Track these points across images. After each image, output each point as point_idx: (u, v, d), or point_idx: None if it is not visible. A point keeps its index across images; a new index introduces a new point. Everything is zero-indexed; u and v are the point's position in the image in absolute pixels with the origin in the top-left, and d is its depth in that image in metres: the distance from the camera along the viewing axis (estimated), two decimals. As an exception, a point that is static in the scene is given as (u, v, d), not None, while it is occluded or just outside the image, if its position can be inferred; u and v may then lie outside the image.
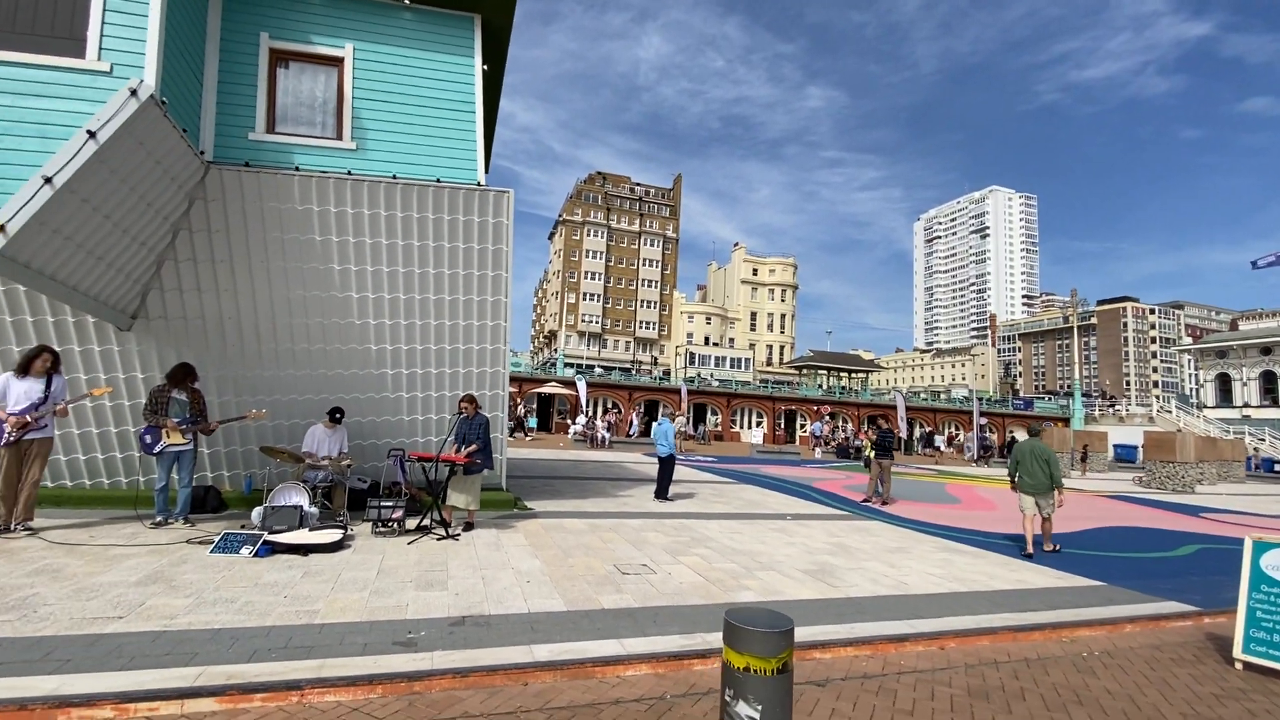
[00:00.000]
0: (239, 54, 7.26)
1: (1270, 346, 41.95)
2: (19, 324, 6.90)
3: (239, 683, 3.25)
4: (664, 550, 6.99)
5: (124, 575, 4.92)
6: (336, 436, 7.66)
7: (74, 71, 5.55)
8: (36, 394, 6.04)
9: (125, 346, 7.27)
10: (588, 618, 4.64)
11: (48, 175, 5.06)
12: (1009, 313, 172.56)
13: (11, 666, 3.28)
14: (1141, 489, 20.49)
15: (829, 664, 4.22)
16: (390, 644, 3.92)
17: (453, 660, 3.74)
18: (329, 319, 7.82)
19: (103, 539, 5.97)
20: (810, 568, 6.62)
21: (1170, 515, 13.60)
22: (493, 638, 4.14)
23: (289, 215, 7.25)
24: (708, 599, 5.29)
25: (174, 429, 6.63)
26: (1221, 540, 10.37)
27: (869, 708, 3.56)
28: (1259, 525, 12.70)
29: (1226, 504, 17.07)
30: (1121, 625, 5.42)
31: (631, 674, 3.85)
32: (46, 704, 2.94)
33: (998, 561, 7.50)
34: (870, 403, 44.56)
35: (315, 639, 3.91)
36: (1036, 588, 6.41)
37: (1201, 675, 4.35)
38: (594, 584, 5.51)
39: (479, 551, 6.39)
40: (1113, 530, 10.85)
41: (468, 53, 8.16)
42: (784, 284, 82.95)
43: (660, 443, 11.22)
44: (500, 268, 8.29)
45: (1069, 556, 8.08)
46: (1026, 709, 3.64)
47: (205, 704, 3.12)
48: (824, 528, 9.24)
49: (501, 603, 4.84)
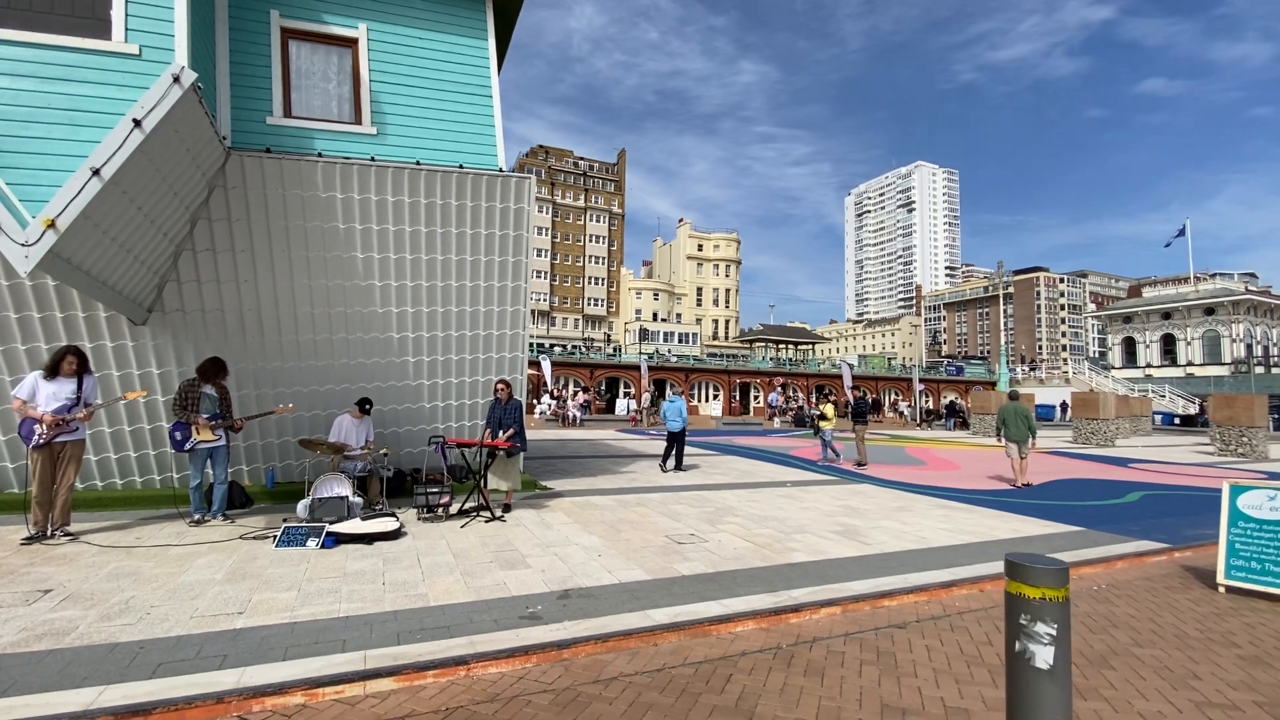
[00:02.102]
0: (250, 33, 6.94)
1: (1169, 312, 46.50)
2: (25, 320, 6.50)
3: (413, 662, 3.45)
4: (701, 520, 7.43)
5: (206, 574, 4.91)
6: (363, 426, 7.64)
7: (101, 54, 5.26)
8: (66, 395, 5.78)
9: (140, 341, 6.96)
10: (677, 583, 5.01)
11: (95, 167, 4.83)
12: (933, 283, 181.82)
13: (174, 665, 3.35)
14: (1071, 445, 22.61)
15: (898, 610, 4.77)
16: (517, 619, 4.18)
17: (584, 629, 4.04)
18: (351, 308, 7.71)
19: (151, 540, 5.84)
20: (836, 529, 7.22)
21: (1106, 467, 15.22)
22: (604, 607, 4.46)
23: (311, 202, 7.07)
24: (768, 561, 5.77)
25: (204, 425, 6.48)
26: (1157, 487, 11.80)
27: (954, 643, 4.11)
28: (1179, 472, 14.44)
29: (1144, 455, 19.16)
30: (1114, 563, 6.28)
31: (741, 629, 4.26)
32: (241, 695, 3.07)
33: (991, 515, 8.36)
34: (818, 373, 46.51)
35: (445, 620, 4.11)
36: (1033, 535, 7.25)
37: (1195, 599, 5.18)
38: (659, 554, 5.88)
39: (534, 531, 6.63)
40: (1068, 482, 12.12)
41: (480, 34, 8.07)
42: (728, 259, 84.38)
43: (673, 418, 11.64)
44: (520, 253, 8.36)
45: (1047, 506, 9.09)
46: (1078, 634, 4.29)
47: (385, 684, 3.31)
48: (825, 492, 9.93)
49: (590, 576, 5.14)
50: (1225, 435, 19.72)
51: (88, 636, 3.68)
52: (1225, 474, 14.16)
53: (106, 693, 3.04)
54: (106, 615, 4.00)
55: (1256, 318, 45.20)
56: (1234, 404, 19.65)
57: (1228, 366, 43.39)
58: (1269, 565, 5.11)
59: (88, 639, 3.64)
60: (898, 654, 3.90)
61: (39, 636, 3.65)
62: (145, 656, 3.44)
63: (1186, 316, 46.36)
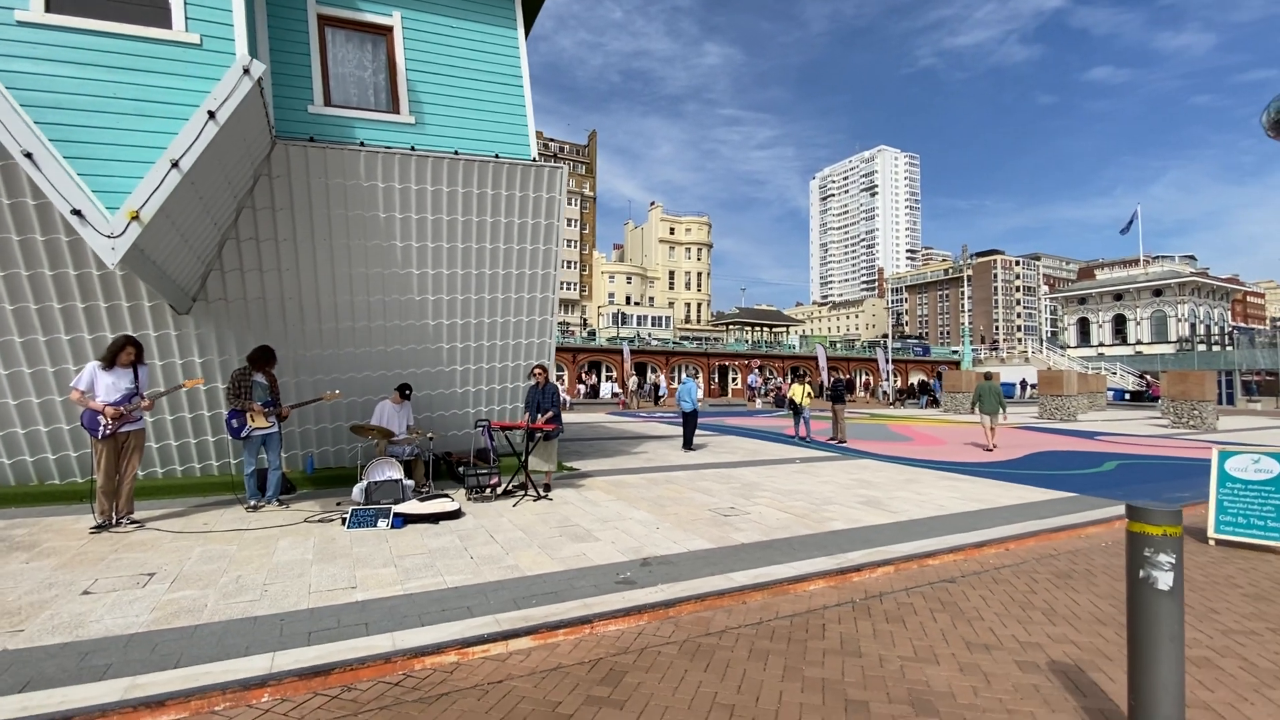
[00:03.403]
0: (288, 19, 6.92)
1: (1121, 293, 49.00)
2: (68, 310, 6.45)
3: (544, 622, 3.78)
4: (734, 495, 7.87)
5: (295, 554, 5.11)
6: (404, 411, 7.80)
7: (164, 44, 5.26)
8: (125, 385, 5.82)
9: (183, 330, 6.97)
10: (741, 551, 5.43)
11: (174, 159, 4.89)
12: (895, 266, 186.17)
13: (324, 634, 3.60)
14: (1038, 420, 23.93)
15: (942, 567, 5.29)
16: (613, 584, 4.53)
17: (679, 590, 4.42)
18: (389, 296, 7.83)
19: (218, 525, 5.97)
20: (861, 500, 7.75)
21: (1076, 440, 16.29)
22: (684, 572, 4.84)
23: (353, 191, 7.14)
24: (812, 530, 6.24)
25: (259, 413, 6.58)
26: (1128, 456, 12.78)
27: (1002, 593, 4.63)
28: (1142, 444, 15.57)
29: (1106, 428, 20.47)
30: (1112, 522, 6.95)
31: (814, 588, 4.70)
32: (404, 655, 3.36)
33: (994, 485, 9.04)
34: (793, 354, 47.60)
35: (548, 587, 4.43)
36: (1036, 501, 7.92)
37: (1191, 551, 5.84)
38: (711, 526, 6.29)
39: (583, 509, 6.96)
40: (1049, 454, 13.01)
41: (510, 23, 8.17)
42: (699, 242, 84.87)
43: (684, 400, 12.03)
44: (550, 241, 8.57)
45: (1039, 476, 9.84)
46: (1108, 585, 4.87)
47: (523, 642, 3.63)
48: (834, 468, 10.50)
49: (659, 547, 5.51)
50: (1178, 409, 21.18)
51: (223, 612, 3.88)
52: (1182, 445, 15.34)
53: (278, 657, 3.28)
54: (227, 594, 4.20)
55: (1200, 298, 48.05)
56: (1186, 380, 21.10)
57: (1173, 345, 46.10)
58: (1253, 520, 5.81)
59: (224, 614, 3.85)
60: (959, 603, 4.40)
61: (174, 614, 3.84)
62: (291, 627, 3.68)
63: (1136, 298, 48.97)
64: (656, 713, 2.90)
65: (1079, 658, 3.50)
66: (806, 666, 3.37)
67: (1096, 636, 3.81)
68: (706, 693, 3.08)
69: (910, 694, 3.07)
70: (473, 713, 2.90)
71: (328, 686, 3.12)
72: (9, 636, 3.49)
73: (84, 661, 3.22)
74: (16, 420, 6.58)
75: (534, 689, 3.13)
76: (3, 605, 3.93)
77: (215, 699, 2.93)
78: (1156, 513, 2.30)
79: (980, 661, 3.44)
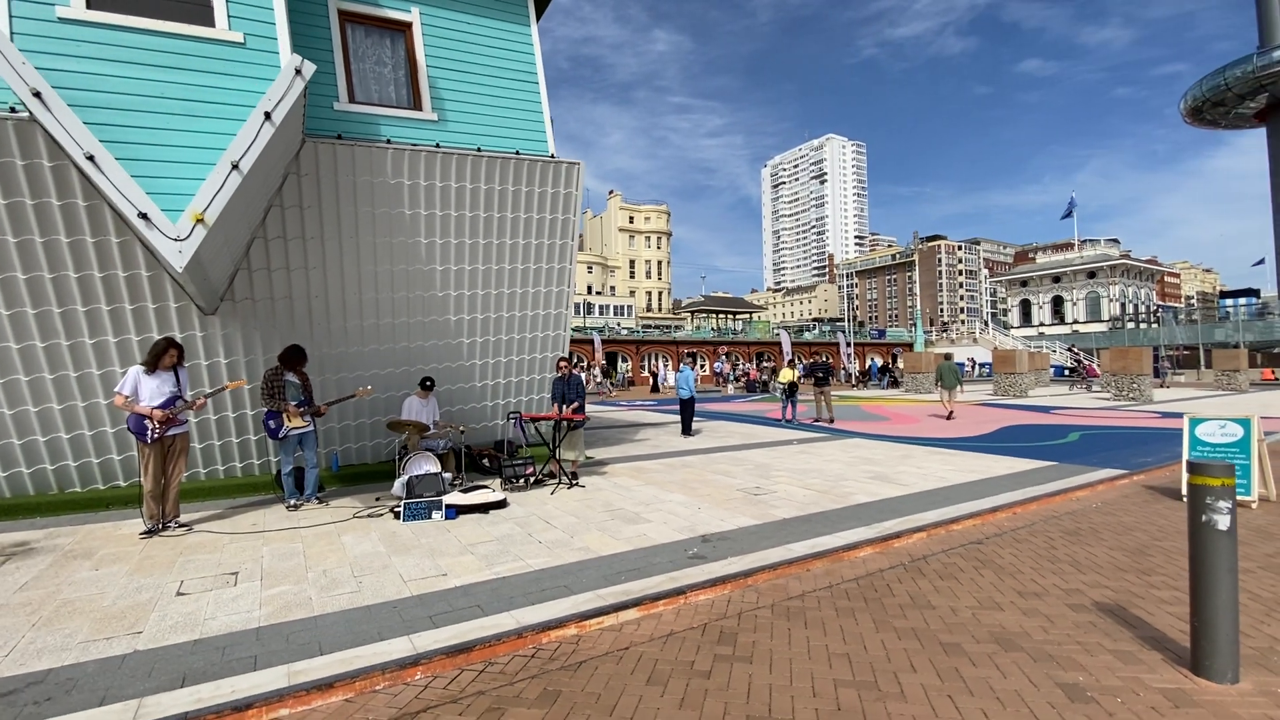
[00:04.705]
0: (311, 15, 6.85)
1: (1059, 276, 52.04)
2: (93, 313, 6.29)
3: (643, 595, 4.08)
4: (754, 476, 8.30)
5: (367, 548, 5.24)
6: (430, 405, 7.90)
7: (210, 42, 5.22)
8: (169, 389, 5.77)
9: (209, 331, 6.87)
10: (785, 525, 5.85)
11: (234, 161, 4.89)
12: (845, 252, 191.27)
13: (444, 617, 3.82)
14: (993, 396, 25.42)
15: (965, 532, 5.84)
16: (686, 559, 4.87)
17: (750, 561, 4.79)
18: (413, 292, 7.88)
19: (269, 525, 6.00)
20: (871, 476, 8.30)
21: (1036, 414, 17.50)
22: (744, 546, 5.22)
23: (380, 189, 7.16)
24: (840, 504, 6.72)
25: (295, 412, 6.59)
26: (1087, 427, 13.90)
27: (1028, 551, 5.19)
28: (1094, 415, 16.87)
29: (1056, 403, 21.97)
30: (1096, 486, 7.71)
31: (864, 554, 5.15)
32: (532, 630, 3.61)
33: (983, 458, 9.78)
34: (758, 340, 48.68)
35: (628, 564, 4.73)
36: (1025, 470, 8.65)
37: (1170, 507, 6.59)
38: (748, 504, 6.69)
39: (620, 494, 7.25)
40: (1017, 428, 14.00)
41: (524, 20, 8.26)
42: (659, 231, 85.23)
43: (682, 387, 12.40)
44: (568, 235, 8.75)
45: (1018, 448, 10.67)
46: (1113, 539, 5.50)
47: (631, 614, 3.93)
48: (831, 447, 11.09)
49: (710, 525, 5.87)
50: (1119, 383, 22.91)
51: (332, 604, 4.03)
52: (1129, 415, 16.72)
53: (415, 639, 3.49)
54: (323, 588, 4.33)
55: (1129, 279, 51.55)
56: (1127, 356, 22.82)
57: (1106, 323, 49.37)
58: (1222, 478, 6.59)
59: (334, 605, 4.00)
60: (995, 560, 4.92)
61: (285, 608, 3.97)
62: (408, 613, 3.88)
63: (1073, 280, 52.16)
64: (783, 663, 3.26)
65: (1116, 599, 4.04)
66: (892, 619, 3.79)
67: (1123, 581, 4.38)
68: (817, 645, 3.46)
69: (991, 635, 3.52)
70: (619, 675, 3.19)
71: (471, 662, 3.35)
72: (132, 639, 3.57)
73: (227, 655, 3.35)
74: (37, 428, 6.40)
75: (661, 652, 3.44)
76: (105, 610, 3.97)
77: (376, 679, 3.13)
78: (1215, 467, 2.79)
79: (1037, 606, 3.94)
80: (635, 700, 2.93)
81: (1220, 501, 2.77)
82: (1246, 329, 42.55)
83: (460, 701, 2.97)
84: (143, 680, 3.09)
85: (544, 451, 7.92)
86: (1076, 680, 2.97)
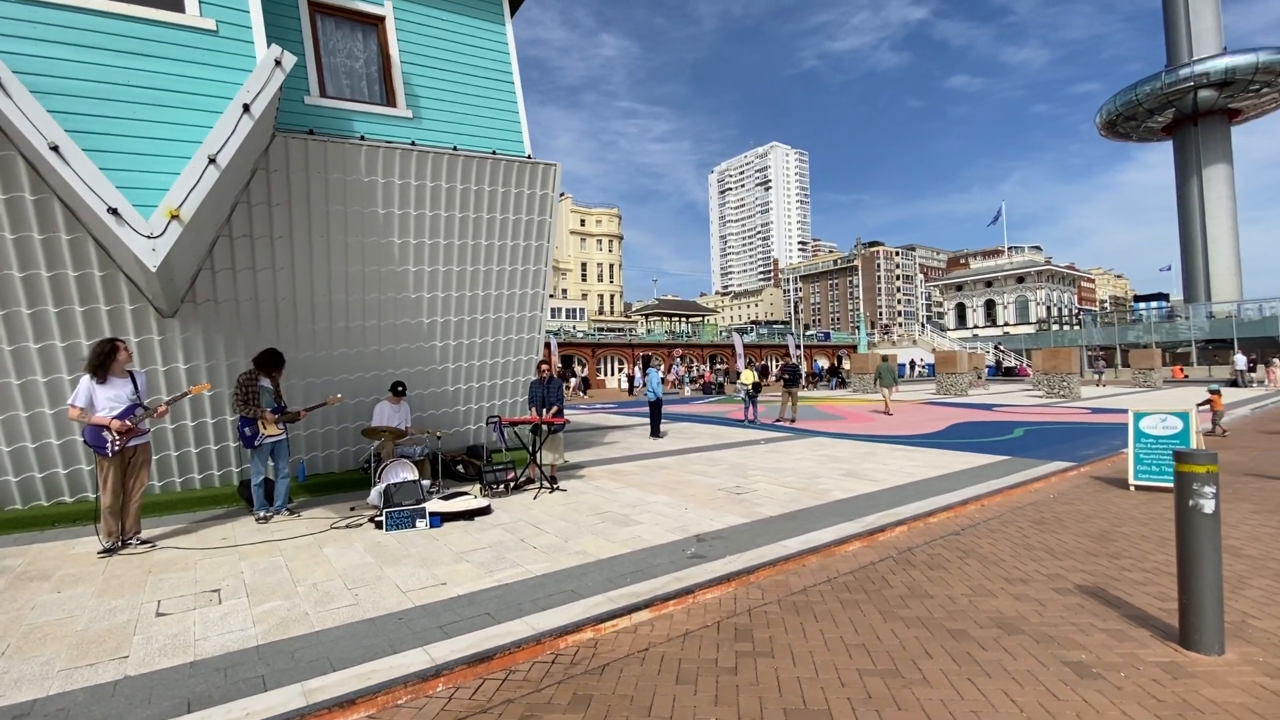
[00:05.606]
0: (280, 4, 6.55)
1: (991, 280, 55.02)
2: (39, 315, 5.80)
3: (651, 596, 4.10)
4: (732, 476, 8.43)
5: (354, 559, 5.04)
6: (402, 410, 7.67)
7: (180, 29, 4.93)
8: (127, 396, 5.38)
9: (167, 335, 6.46)
10: (773, 522, 5.97)
11: (211, 154, 4.63)
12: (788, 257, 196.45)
13: (454, 626, 3.73)
14: (935, 395, 26.64)
15: (942, 524, 6.12)
16: (686, 558, 4.91)
17: (749, 559, 4.88)
18: (384, 294, 7.63)
19: (240, 539, 5.69)
20: (842, 473, 8.57)
21: (980, 412, 18.44)
22: (739, 544, 5.30)
23: (353, 187, 6.91)
24: (820, 500, 6.91)
25: (270, 420, 6.28)
26: (1029, 423, 14.76)
27: (1004, 540, 5.48)
28: (1032, 412, 17.93)
29: (995, 400, 23.22)
30: (1050, 478, 8.21)
31: (852, 549, 5.33)
32: (550, 635, 3.57)
33: (943, 454, 10.24)
34: (711, 343, 49.37)
35: (629, 566, 4.73)
36: (983, 464, 9.12)
37: (1119, 496, 7.09)
38: (732, 503, 6.79)
39: (604, 497, 7.23)
40: (965, 425, 14.73)
41: (499, 18, 8.15)
42: (610, 234, 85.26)
43: (652, 390, 12.44)
44: (543, 238, 8.66)
45: (972, 444, 11.23)
46: (1077, 527, 5.87)
47: (642, 615, 3.94)
48: (799, 446, 11.38)
49: (701, 525, 5.93)
50: (1050, 381, 24.42)
51: (332, 618, 3.87)
52: (1064, 412, 17.85)
53: (431, 650, 3.39)
54: (319, 601, 4.15)
55: (1053, 284, 55.06)
56: (1057, 356, 24.36)
57: (1034, 325, 52.54)
58: (1164, 468, 7.15)
59: (335, 620, 3.85)
60: (976, 550, 5.18)
61: (282, 624, 3.79)
62: (416, 624, 3.76)
63: (1004, 284, 55.29)
64: (804, 656, 3.34)
65: (1095, 582, 4.33)
66: (895, 609, 3.94)
67: (1097, 565, 4.69)
68: (832, 637, 3.57)
69: (992, 620, 3.72)
70: (646, 676, 3.20)
71: (492, 671, 3.29)
72: (118, 664, 3.33)
73: (230, 676, 3.17)
74: (-30, 441, 5.86)
75: (681, 651, 3.47)
76: (80, 634, 3.69)
77: (398, 692, 3.03)
78: (1200, 455, 3.05)
79: (1026, 591, 4.17)
80: (669, 700, 2.95)
81: (1205, 487, 3.02)
82: (1156, 330, 46.16)
83: (490, 711, 2.91)
84: (142, 707, 2.88)
85: (523, 455, 7.81)
86: (1080, 658, 3.17)
